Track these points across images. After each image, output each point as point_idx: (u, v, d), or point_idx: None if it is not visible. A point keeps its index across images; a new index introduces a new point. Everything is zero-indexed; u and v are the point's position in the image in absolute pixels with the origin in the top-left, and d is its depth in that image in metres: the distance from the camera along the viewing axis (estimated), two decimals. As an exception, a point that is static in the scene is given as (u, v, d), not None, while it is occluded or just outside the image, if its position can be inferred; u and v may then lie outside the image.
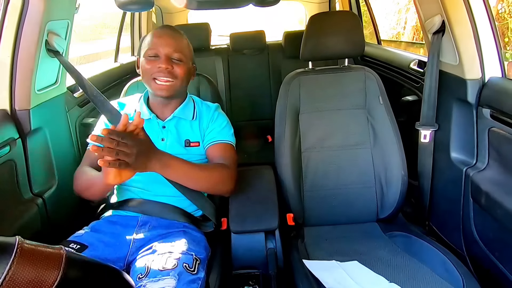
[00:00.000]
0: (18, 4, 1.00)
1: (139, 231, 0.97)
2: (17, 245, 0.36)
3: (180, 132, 1.06)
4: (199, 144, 1.07)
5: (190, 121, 1.08)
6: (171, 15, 2.90)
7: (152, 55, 0.99)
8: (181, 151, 1.04)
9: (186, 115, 1.08)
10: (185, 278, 0.82)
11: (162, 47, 0.98)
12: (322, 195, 1.23)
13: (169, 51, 0.98)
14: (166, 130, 1.06)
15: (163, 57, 0.98)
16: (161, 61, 0.97)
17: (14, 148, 1.04)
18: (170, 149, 1.03)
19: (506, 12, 3.01)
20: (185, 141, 1.06)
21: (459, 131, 1.13)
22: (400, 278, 0.92)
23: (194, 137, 1.07)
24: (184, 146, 1.06)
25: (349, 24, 1.26)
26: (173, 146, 1.04)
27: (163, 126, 1.06)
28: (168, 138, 1.05)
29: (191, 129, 1.07)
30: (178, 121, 1.07)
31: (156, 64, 0.98)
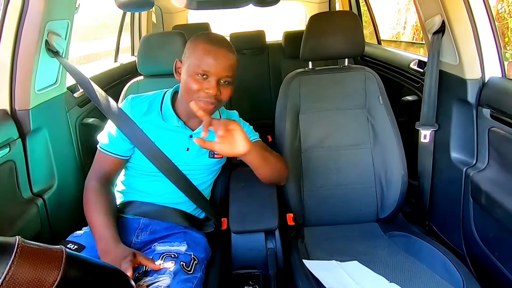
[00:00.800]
0: (18, 4, 1.00)
1: (140, 235, 0.97)
2: (17, 245, 0.36)
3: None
4: (222, 156, 1.03)
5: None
6: (171, 15, 2.90)
7: (201, 74, 0.88)
8: (205, 162, 1.03)
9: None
10: (180, 277, 0.82)
11: (214, 69, 0.87)
12: (322, 195, 1.23)
13: (221, 75, 0.89)
14: (192, 140, 1.00)
15: (213, 81, 0.88)
16: (211, 85, 0.88)
17: (14, 148, 1.04)
18: (193, 159, 1.01)
19: (506, 12, 3.01)
20: (210, 152, 1.02)
21: (459, 131, 1.13)
22: (400, 278, 0.92)
23: None
24: (209, 156, 1.02)
25: (349, 24, 1.26)
26: (197, 157, 1.01)
27: (190, 136, 1.00)
28: (193, 148, 1.00)
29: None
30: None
31: (203, 85, 0.88)
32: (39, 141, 1.13)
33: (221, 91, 0.90)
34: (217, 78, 0.88)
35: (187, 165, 1.00)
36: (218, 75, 0.88)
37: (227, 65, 0.89)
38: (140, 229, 0.98)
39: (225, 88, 0.91)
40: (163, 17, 2.87)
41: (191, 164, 1.01)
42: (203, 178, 1.06)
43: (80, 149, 1.37)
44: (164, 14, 2.87)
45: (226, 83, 0.91)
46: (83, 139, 1.37)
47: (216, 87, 0.88)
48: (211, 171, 1.07)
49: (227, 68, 0.89)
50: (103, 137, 1.00)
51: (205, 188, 1.08)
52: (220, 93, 0.90)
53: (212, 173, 1.08)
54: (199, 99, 0.89)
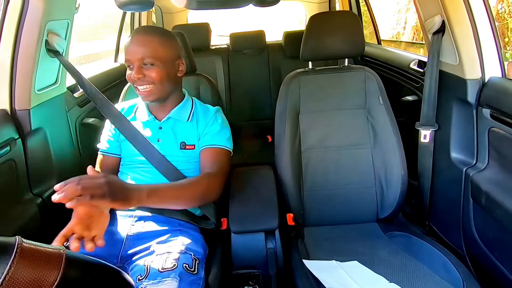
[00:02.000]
0: (18, 4, 1.00)
1: (134, 227, 0.97)
2: (17, 245, 0.36)
3: (176, 133, 1.06)
4: (194, 147, 1.06)
5: (185, 122, 1.07)
6: (171, 15, 2.90)
7: (128, 64, 0.98)
8: (177, 153, 1.05)
9: (182, 116, 1.07)
10: (187, 279, 0.82)
11: (132, 55, 0.96)
12: (322, 195, 1.23)
13: (138, 58, 0.95)
14: (162, 131, 1.06)
15: (135, 66, 0.96)
16: (134, 70, 0.96)
17: (14, 148, 1.04)
18: (165, 149, 1.04)
19: (506, 12, 3.01)
20: (181, 143, 1.05)
21: (459, 131, 1.13)
22: (400, 278, 0.92)
23: (190, 140, 1.06)
24: (180, 148, 1.05)
25: (349, 24, 1.26)
26: (168, 147, 1.04)
27: (160, 127, 1.06)
28: (163, 139, 1.05)
29: (186, 131, 1.06)
30: (174, 122, 1.07)
31: (132, 73, 0.97)
32: (39, 141, 1.13)
33: (145, 74, 0.96)
34: (138, 63, 0.95)
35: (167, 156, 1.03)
36: (136, 60, 0.95)
37: (143, 48, 0.95)
38: (134, 221, 0.98)
39: (149, 70, 0.96)
40: (163, 17, 2.86)
41: (165, 155, 1.03)
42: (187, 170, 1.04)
43: (80, 149, 1.37)
44: (164, 14, 2.87)
45: (148, 65, 0.96)
46: (83, 139, 1.37)
47: (137, 70, 0.95)
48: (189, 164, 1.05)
49: (142, 51, 0.95)
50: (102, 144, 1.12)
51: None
52: (144, 76, 0.96)
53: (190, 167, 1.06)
54: (135, 86, 0.99)
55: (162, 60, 0.97)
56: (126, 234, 0.95)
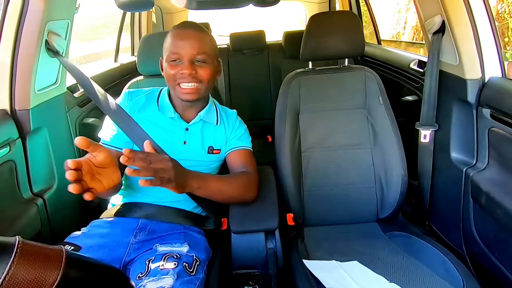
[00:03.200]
0: (18, 4, 1.00)
1: (138, 234, 0.96)
2: (17, 245, 0.36)
3: (204, 137, 1.03)
4: (220, 151, 1.05)
5: (214, 126, 1.04)
6: (171, 15, 2.90)
7: (174, 59, 0.92)
8: (203, 158, 1.03)
9: (211, 119, 1.04)
10: (183, 278, 0.82)
11: (184, 50, 0.91)
12: (322, 195, 1.23)
13: (192, 54, 0.92)
14: (189, 133, 1.02)
15: (186, 61, 0.92)
16: (184, 66, 0.91)
17: (14, 148, 1.04)
18: (191, 153, 1.01)
19: (506, 12, 3.01)
20: (209, 147, 1.03)
21: (459, 131, 1.13)
22: (400, 278, 0.92)
23: (218, 144, 1.04)
24: (207, 152, 1.03)
25: (349, 24, 1.26)
26: (195, 151, 1.01)
27: (186, 129, 1.02)
28: (190, 141, 1.01)
29: (215, 134, 1.04)
30: (204, 125, 1.03)
31: (179, 69, 0.92)
32: (39, 141, 1.13)
33: (197, 71, 0.92)
34: (190, 58, 0.92)
35: (186, 160, 0.98)
36: (189, 55, 0.91)
37: (197, 44, 0.92)
38: (138, 228, 0.97)
39: (201, 68, 0.93)
40: (163, 17, 2.86)
41: (189, 159, 1.00)
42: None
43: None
44: (164, 14, 2.87)
45: (201, 62, 0.93)
46: (83, 139, 1.37)
47: (189, 66, 0.91)
48: (210, 168, 1.06)
49: (197, 47, 0.92)
50: (103, 133, 1.04)
51: None
52: (196, 72, 0.92)
53: (212, 170, 1.08)
54: (179, 83, 0.93)
55: (213, 58, 0.96)
56: (130, 241, 0.94)
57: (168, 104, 1.01)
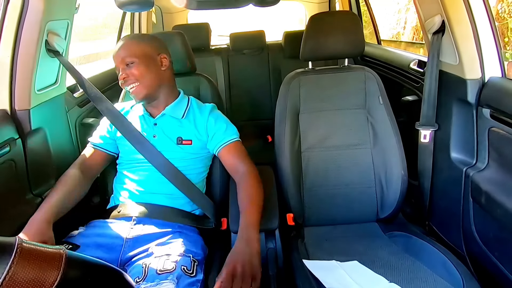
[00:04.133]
0: (18, 4, 1.00)
1: (133, 231, 0.97)
2: (17, 245, 0.36)
3: (171, 129, 1.09)
4: (191, 142, 1.08)
5: (180, 119, 1.10)
6: (171, 15, 2.90)
7: (117, 71, 1.06)
8: (174, 148, 1.07)
9: (176, 113, 1.11)
10: (184, 281, 0.82)
11: (115, 60, 1.05)
12: (322, 195, 1.23)
13: (120, 60, 1.04)
14: (157, 127, 1.10)
15: (119, 68, 1.05)
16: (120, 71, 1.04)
17: (14, 148, 1.04)
18: (162, 145, 1.07)
19: (506, 12, 3.01)
20: (177, 138, 1.08)
21: (459, 131, 1.13)
22: (400, 278, 0.92)
23: (186, 135, 1.09)
24: (176, 143, 1.08)
25: (349, 24, 1.26)
26: (164, 143, 1.07)
27: (155, 123, 1.10)
28: (159, 134, 1.09)
29: (181, 127, 1.09)
30: (169, 119, 1.10)
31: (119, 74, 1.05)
32: (39, 141, 1.13)
33: (128, 73, 1.03)
34: (121, 65, 1.04)
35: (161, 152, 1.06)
36: (119, 63, 1.04)
37: (122, 51, 1.04)
38: (132, 224, 0.98)
39: (130, 68, 1.03)
40: (163, 17, 2.86)
41: (162, 150, 1.06)
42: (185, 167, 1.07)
43: (80, 149, 1.36)
44: (164, 14, 2.87)
45: (130, 64, 1.03)
46: (83, 139, 1.37)
47: (122, 72, 1.04)
48: (190, 160, 1.08)
49: (122, 53, 1.03)
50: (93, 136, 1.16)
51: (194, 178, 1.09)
52: (128, 76, 1.03)
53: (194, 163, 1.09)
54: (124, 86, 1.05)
55: (140, 57, 1.04)
56: (125, 237, 0.95)
57: (139, 106, 1.14)
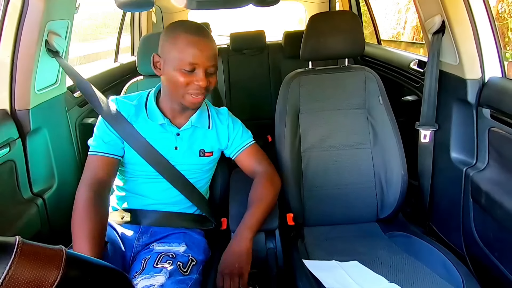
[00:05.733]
0: (18, 4, 1.00)
1: (141, 238, 0.97)
2: (17, 245, 0.36)
3: (194, 141, 1.00)
4: (212, 153, 1.03)
5: (206, 129, 1.02)
6: (171, 15, 2.90)
7: (190, 69, 0.87)
8: (194, 161, 1.01)
9: (203, 123, 1.01)
10: (175, 277, 0.82)
11: (201, 60, 0.86)
12: (322, 195, 1.23)
13: (208, 66, 0.88)
14: (180, 138, 0.98)
15: (202, 73, 0.87)
16: (200, 78, 0.87)
17: (14, 148, 1.04)
18: (183, 158, 0.99)
19: (506, 12, 3.01)
20: (200, 151, 1.01)
21: (459, 131, 1.13)
22: (400, 278, 0.92)
23: (209, 147, 1.02)
24: (199, 155, 1.01)
25: (349, 24, 1.26)
26: (186, 155, 0.99)
27: (177, 134, 0.98)
28: (181, 146, 0.98)
29: (205, 138, 1.02)
30: (194, 130, 1.00)
31: (192, 79, 0.87)
32: (39, 141, 1.13)
33: (210, 81, 0.90)
34: (205, 69, 0.88)
35: (179, 164, 0.99)
36: (205, 65, 0.88)
37: (212, 54, 0.89)
38: (141, 232, 0.98)
39: (212, 77, 0.91)
40: (163, 17, 2.87)
41: (182, 163, 0.99)
42: (199, 177, 1.04)
43: (80, 149, 1.37)
44: (164, 14, 2.87)
45: (212, 72, 0.91)
46: (83, 139, 1.37)
47: (205, 78, 0.88)
48: (205, 170, 1.05)
49: (212, 57, 0.89)
50: (93, 141, 0.96)
51: (202, 186, 1.07)
52: (210, 83, 0.90)
53: (207, 172, 1.07)
54: (189, 92, 0.89)
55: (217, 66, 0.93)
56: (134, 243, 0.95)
57: (156, 111, 0.96)
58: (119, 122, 0.95)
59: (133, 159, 0.97)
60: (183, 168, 1.00)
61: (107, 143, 0.94)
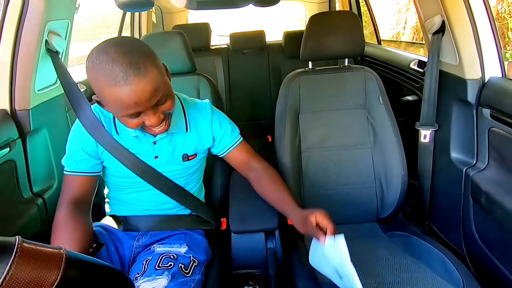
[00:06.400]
0: (18, 4, 1.00)
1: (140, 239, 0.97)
2: (17, 245, 0.36)
3: (175, 147, 0.93)
4: (196, 155, 0.97)
5: (184, 133, 0.94)
6: (171, 15, 2.90)
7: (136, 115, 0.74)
8: (178, 167, 0.96)
9: (179, 128, 0.92)
10: (178, 279, 0.82)
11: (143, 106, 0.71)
12: (322, 195, 1.23)
13: (153, 103, 0.73)
14: (158, 146, 0.91)
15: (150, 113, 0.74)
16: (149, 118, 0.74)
17: (14, 148, 1.04)
18: (165, 166, 0.94)
19: (506, 12, 3.01)
20: (183, 156, 0.95)
21: (459, 131, 1.13)
22: (400, 278, 0.92)
23: (191, 150, 0.96)
24: (182, 161, 0.95)
25: (349, 24, 1.26)
26: (169, 163, 0.94)
27: (154, 142, 0.91)
28: (161, 155, 0.92)
29: (185, 142, 0.94)
30: (171, 137, 0.92)
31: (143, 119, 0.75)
32: (39, 141, 1.13)
33: (163, 109, 0.77)
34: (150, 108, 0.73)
35: (164, 172, 0.94)
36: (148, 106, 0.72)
37: (151, 90, 0.70)
38: (141, 234, 0.98)
39: (165, 105, 0.76)
40: (163, 17, 2.87)
41: (166, 171, 0.94)
42: (187, 178, 1.00)
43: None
44: (164, 14, 2.87)
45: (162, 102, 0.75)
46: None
47: (156, 115, 0.75)
48: (189, 173, 0.99)
49: (153, 94, 0.71)
50: (66, 160, 0.91)
51: (193, 187, 1.03)
52: (163, 116, 0.78)
53: (194, 173, 1.02)
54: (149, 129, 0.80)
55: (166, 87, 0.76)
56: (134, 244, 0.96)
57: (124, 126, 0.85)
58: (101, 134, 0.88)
59: (116, 172, 0.92)
60: (169, 175, 0.95)
61: (78, 162, 0.89)
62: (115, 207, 1.02)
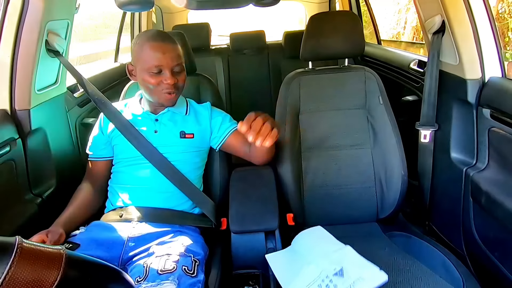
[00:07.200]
0: (18, 4, 1.00)
1: (135, 229, 0.97)
2: (17, 245, 0.36)
3: (174, 124, 1.09)
4: (193, 136, 1.09)
5: (183, 115, 1.12)
6: (171, 15, 2.90)
7: (157, 71, 0.99)
8: (176, 142, 1.08)
9: (180, 110, 1.12)
10: (185, 282, 0.81)
11: (165, 62, 0.99)
12: (322, 195, 1.23)
13: (173, 65, 1.00)
14: (159, 122, 1.09)
15: (169, 73, 1.00)
16: (167, 77, 0.99)
17: (14, 148, 1.04)
18: (163, 139, 1.07)
19: (506, 12, 3.01)
20: (180, 132, 1.09)
21: (459, 131, 1.13)
22: (400, 278, 0.92)
23: (189, 129, 1.10)
24: (180, 137, 1.08)
25: (349, 24, 1.26)
26: (166, 137, 1.07)
27: (156, 119, 1.09)
28: (160, 129, 1.08)
29: (185, 122, 1.10)
30: (172, 115, 1.10)
31: (161, 79, 1.00)
32: (39, 141, 1.14)
33: (177, 78, 1.01)
34: (170, 69, 1.00)
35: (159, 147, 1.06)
36: (170, 66, 0.99)
37: (175, 55, 1.00)
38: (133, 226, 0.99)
39: (179, 75, 1.03)
40: (163, 17, 2.87)
41: (163, 145, 1.06)
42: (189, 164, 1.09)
43: (80, 149, 1.37)
44: (164, 14, 2.87)
45: (178, 70, 1.02)
46: (83, 139, 1.37)
47: (172, 77, 0.99)
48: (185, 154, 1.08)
49: (175, 58, 1.00)
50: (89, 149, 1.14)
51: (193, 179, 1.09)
52: (177, 80, 1.01)
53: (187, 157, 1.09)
54: (162, 91, 1.01)
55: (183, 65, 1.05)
56: (127, 236, 0.96)
57: (136, 104, 1.12)
58: (116, 117, 1.08)
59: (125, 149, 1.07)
60: (165, 150, 1.06)
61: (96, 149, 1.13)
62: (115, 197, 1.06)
